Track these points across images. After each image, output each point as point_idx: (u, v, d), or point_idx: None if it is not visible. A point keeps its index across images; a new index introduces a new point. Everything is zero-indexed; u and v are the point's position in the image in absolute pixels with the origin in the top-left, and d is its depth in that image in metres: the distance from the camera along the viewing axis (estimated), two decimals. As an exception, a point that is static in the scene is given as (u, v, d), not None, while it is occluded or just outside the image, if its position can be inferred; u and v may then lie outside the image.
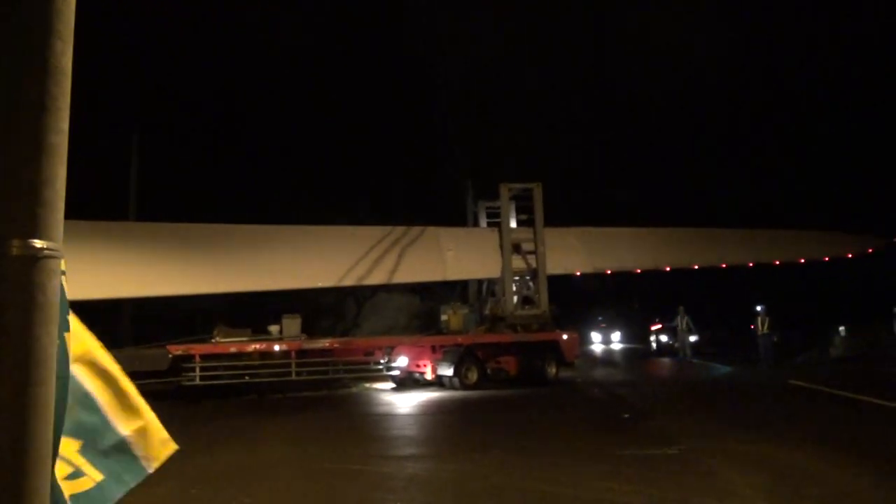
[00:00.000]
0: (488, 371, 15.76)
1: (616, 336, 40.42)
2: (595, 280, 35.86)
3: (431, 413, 11.89)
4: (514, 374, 15.91)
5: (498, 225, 17.30)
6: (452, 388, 14.67)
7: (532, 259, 16.87)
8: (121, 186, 20.72)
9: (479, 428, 10.31)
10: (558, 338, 16.23)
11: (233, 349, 14.00)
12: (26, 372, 1.60)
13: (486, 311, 17.58)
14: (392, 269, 16.56)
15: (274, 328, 14.95)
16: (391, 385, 15.72)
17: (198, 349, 13.75)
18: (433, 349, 15.48)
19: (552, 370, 15.92)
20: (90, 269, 13.51)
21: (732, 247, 20.43)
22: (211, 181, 24.60)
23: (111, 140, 21.81)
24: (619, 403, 12.60)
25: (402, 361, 15.15)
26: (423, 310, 22.26)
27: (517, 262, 16.95)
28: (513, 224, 17.48)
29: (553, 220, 19.28)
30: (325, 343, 14.84)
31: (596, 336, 40.46)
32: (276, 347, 14.36)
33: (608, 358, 28.48)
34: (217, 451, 8.27)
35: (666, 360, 24.74)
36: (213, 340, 14.18)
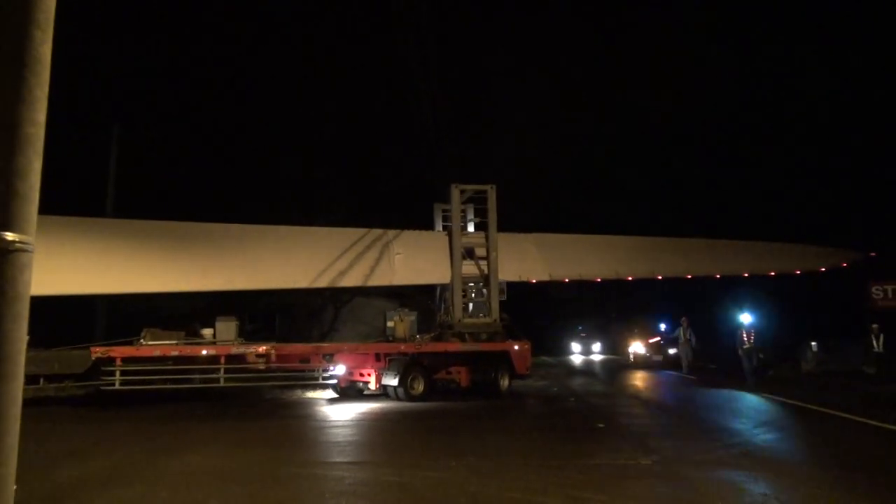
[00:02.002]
0: (439, 382, 15.22)
1: (597, 346, 39.90)
2: (571, 288, 35.97)
3: (393, 421, 11.76)
4: (465, 385, 15.42)
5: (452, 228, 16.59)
6: (398, 398, 14.11)
7: (485, 265, 16.21)
8: (99, 181, 20.48)
9: (448, 436, 10.25)
10: (509, 348, 15.56)
11: (156, 353, 13.19)
12: (-6, 367, 1.55)
13: (438, 319, 17.04)
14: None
15: (207, 331, 14.29)
16: (331, 394, 15.17)
17: (119, 352, 12.99)
18: (377, 357, 14.83)
19: (504, 382, 15.38)
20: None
21: (700, 257, 19.87)
22: (189, 178, 24.42)
23: (89, 134, 21.57)
24: (595, 413, 12.63)
25: (339, 369, 14.44)
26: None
27: (469, 268, 16.26)
28: (471, 228, 16.87)
29: (534, 228, 19.14)
30: (257, 348, 13.99)
31: (576, 346, 40.02)
32: (204, 352, 13.58)
33: (587, 369, 28.37)
34: (180, 455, 8.20)
35: (656, 374, 23.43)
36: (139, 343, 13.50)
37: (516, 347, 15.62)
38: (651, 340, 28.03)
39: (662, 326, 29.38)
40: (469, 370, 15.36)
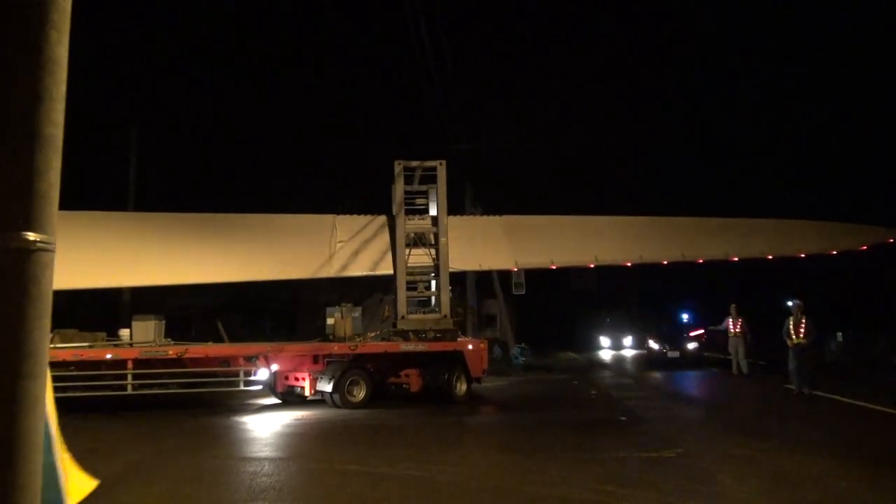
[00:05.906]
0: (391, 386, 13.75)
1: (628, 340, 36.83)
2: (592, 278, 35.39)
3: (408, 418, 11.61)
4: (415, 390, 13.62)
5: (416, 212, 14.54)
6: (335, 405, 12.45)
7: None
8: (120, 181, 20.88)
9: (470, 430, 10.27)
10: (462, 348, 13.62)
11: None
12: (18, 365, 1.57)
13: (383, 316, 15.34)
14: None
15: (124, 332, 13.13)
16: (270, 400, 13.62)
17: None
18: (315, 360, 13.09)
19: (462, 386, 13.46)
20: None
21: (704, 239, 17.25)
22: (206, 175, 24.80)
23: (110, 136, 22.07)
24: (617, 407, 12.55)
25: (262, 374, 12.87)
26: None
27: (421, 258, 14.24)
28: (433, 211, 14.61)
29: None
30: (169, 352, 12.44)
31: (605, 340, 37.34)
32: (109, 356, 12.11)
33: (614, 364, 26.96)
34: (201, 453, 8.32)
35: (691, 372, 20.64)
36: None
37: (470, 347, 13.79)
38: (693, 334, 25.42)
39: (685, 317, 28.66)
40: (420, 373, 13.58)
